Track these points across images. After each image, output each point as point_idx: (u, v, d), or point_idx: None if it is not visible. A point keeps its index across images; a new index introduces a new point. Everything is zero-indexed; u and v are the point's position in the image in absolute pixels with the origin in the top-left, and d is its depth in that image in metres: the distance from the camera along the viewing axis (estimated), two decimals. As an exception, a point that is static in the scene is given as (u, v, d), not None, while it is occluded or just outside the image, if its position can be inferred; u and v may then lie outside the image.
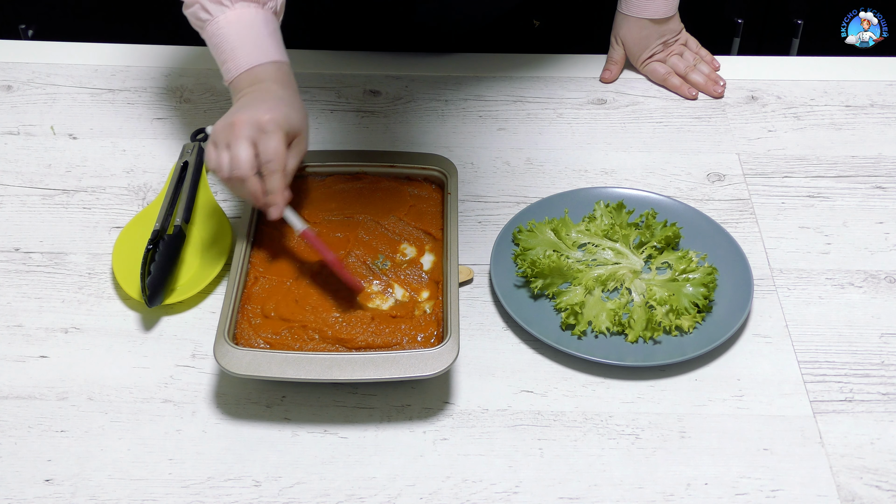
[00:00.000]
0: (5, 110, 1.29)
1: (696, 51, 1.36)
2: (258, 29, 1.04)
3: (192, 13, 1.06)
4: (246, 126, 0.95)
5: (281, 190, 0.97)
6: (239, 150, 0.94)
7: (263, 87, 1.01)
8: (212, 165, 0.97)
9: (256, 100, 0.99)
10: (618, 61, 1.35)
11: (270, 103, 0.98)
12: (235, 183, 0.97)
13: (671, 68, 1.34)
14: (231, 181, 0.97)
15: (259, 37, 1.04)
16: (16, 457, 0.90)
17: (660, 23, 1.32)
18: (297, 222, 1.00)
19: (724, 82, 1.33)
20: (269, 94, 1.00)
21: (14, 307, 1.04)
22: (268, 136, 0.95)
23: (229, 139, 0.95)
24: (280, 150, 0.96)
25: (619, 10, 1.34)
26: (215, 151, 0.96)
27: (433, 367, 0.90)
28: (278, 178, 0.96)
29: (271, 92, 1.01)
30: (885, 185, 1.20)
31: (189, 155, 1.17)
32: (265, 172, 0.96)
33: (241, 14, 1.04)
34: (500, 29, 1.38)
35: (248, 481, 0.89)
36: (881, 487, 0.89)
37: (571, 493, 0.88)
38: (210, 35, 1.05)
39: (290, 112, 0.98)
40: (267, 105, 0.97)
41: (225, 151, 0.96)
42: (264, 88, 1.01)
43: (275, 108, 0.97)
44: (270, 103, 0.98)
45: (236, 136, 0.95)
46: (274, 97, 1.00)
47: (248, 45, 1.03)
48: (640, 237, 1.09)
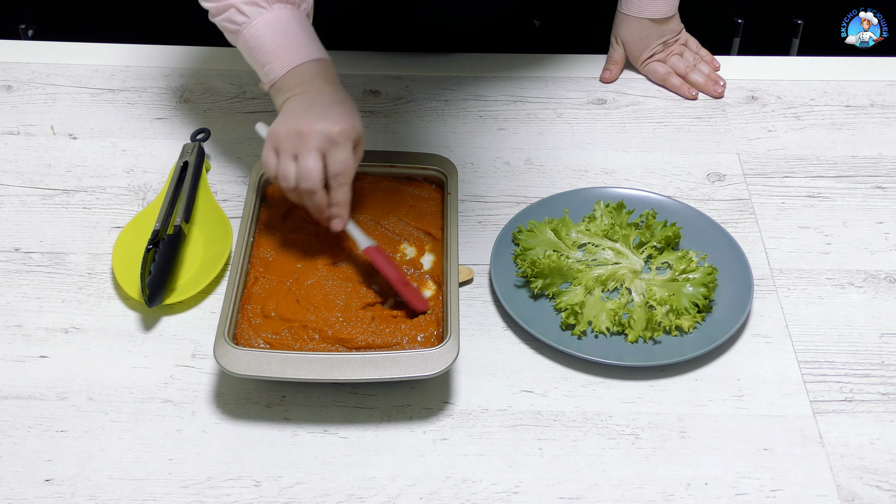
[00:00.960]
0: (5, 110, 1.29)
1: (696, 51, 1.36)
2: (298, 28, 1.02)
3: (226, 18, 1.03)
4: (316, 137, 0.94)
5: (347, 202, 0.97)
6: (309, 163, 0.93)
7: (315, 86, 0.99)
8: (272, 173, 0.96)
9: (317, 104, 0.97)
10: (618, 61, 1.35)
11: (336, 111, 0.96)
12: (301, 194, 0.96)
13: (671, 68, 1.34)
14: (296, 192, 0.96)
15: (299, 36, 1.02)
16: (16, 457, 0.90)
17: (660, 23, 1.32)
18: (360, 238, 1.00)
19: (724, 82, 1.33)
20: (327, 98, 0.98)
21: (14, 307, 1.04)
22: (338, 149, 0.94)
23: (298, 149, 0.94)
24: (350, 162, 0.95)
25: (620, 10, 1.34)
26: (277, 159, 0.95)
27: (433, 367, 0.90)
28: (346, 190, 0.96)
29: (327, 95, 0.99)
30: (885, 185, 1.20)
31: (189, 155, 1.17)
32: (333, 185, 0.96)
33: (279, 14, 1.02)
34: (500, 29, 1.38)
35: (248, 481, 0.89)
36: (881, 487, 0.89)
37: (571, 493, 0.88)
38: (248, 38, 1.02)
39: (354, 120, 0.97)
40: (334, 114, 0.96)
41: (291, 162, 0.95)
42: (316, 89, 0.99)
43: (342, 117, 0.96)
44: (336, 111, 0.96)
45: (306, 147, 0.94)
46: (334, 101, 0.98)
47: (289, 45, 1.01)
48: (640, 237, 1.09)
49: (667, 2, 1.31)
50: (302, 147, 0.94)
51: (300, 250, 1.05)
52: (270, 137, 0.97)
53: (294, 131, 0.95)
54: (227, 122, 1.27)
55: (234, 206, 1.15)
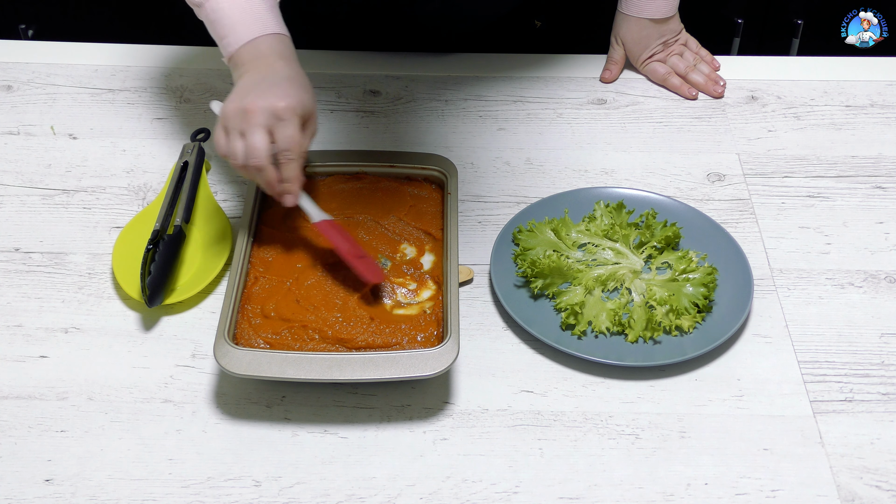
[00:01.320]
0: (5, 110, 1.29)
1: (696, 51, 1.36)
2: (258, 3, 1.02)
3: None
4: (261, 114, 0.93)
5: (297, 178, 0.96)
6: (255, 139, 0.93)
7: (267, 62, 0.99)
8: (223, 151, 0.96)
9: (265, 81, 0.97)
10: (618, 61, 1.35)
11: (283, 87, 0.96)
12: (250, 171, 0.96)
13: (671, 68, 1.34)
14: (245, 169, 0.96)
15: (259, 10, 1.01)
16: (16, 457, 0.90)
17: (660, 23, 1.32)
18: (314, 212, 1.00)
19: (724, 82, 1.33)
20: (277, 74, 0.98)
21: (14, 307, 1.04)
22: (284, 125, 0.94)
23: (243, 127, 0.94)
24: (296, 137, 0.94)
25: (620, 10, 1.34)
26: (226, 137, 0.95)
27: (433, 367, 0.90)
28: (295, 165, 0.96)
29: (277, 71, 0.98)
30: (885, 185, 1.20)
31: (189, 155, 1.17)
32: (282, 160, 0.95)
33: None
34: (500, 29, 1.38)
35: (248, 481, 0.89)
36: (881, 487, 0.89)
37: (571, 493, 0.88)
38: (209, 11, 1.02)
39: (303, 95, 0.96)
40: (280, 90, 0.95)
41: (239, 139, 0.94)
42: (268, 65, 0.99)
43: (288, 93, 0.95)
44: (283, 87, 0.96)
45: (251, 124, 0.93)
46: (283, 78, 0.97)
47: (248, 19, 1.01)
48: (640, 237, 1.09)
49: (667, 2, 1.31)
50: (247, 125, 0.94)
51: (300, 250, 1.04)
52: (221, 116, 0.97)
53: (241, 109, 0.94)
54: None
55: (234, 206, 1.15)
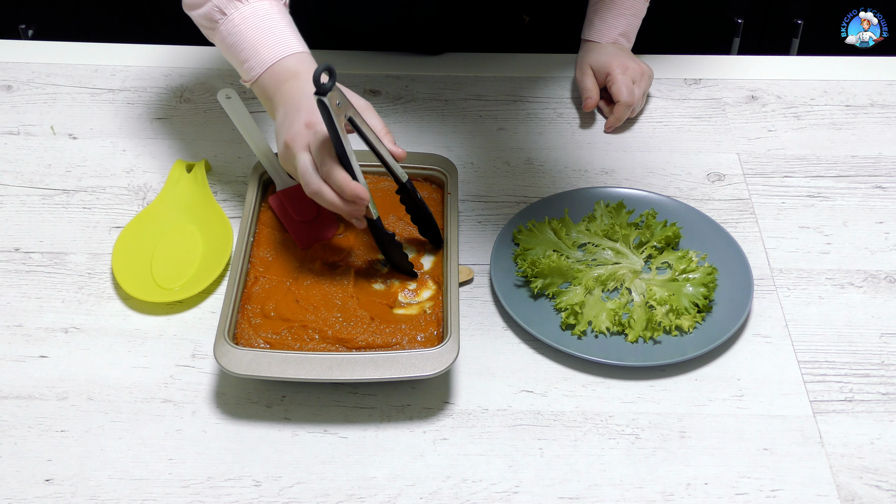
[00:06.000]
0: (5, 110, 1.29)
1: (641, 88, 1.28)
2: (276, 21, 1.00)
3: (204, 14, 1.02)
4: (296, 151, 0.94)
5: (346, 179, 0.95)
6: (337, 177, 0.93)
7: (290, 87, 0.98)
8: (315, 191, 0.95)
9: (289, 113, 0.96)
10: (591, 87, 1.28)
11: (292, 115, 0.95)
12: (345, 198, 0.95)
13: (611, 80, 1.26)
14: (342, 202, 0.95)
15: (279, 29, 1.00)
16: (16, 457, 0.90)
17: (622, 50, 1.29)
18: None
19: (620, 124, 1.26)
20: (296, 101, 0.96)
21: (14, 307, 1.04)
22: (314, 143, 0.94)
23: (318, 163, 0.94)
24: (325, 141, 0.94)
25: (583, 38, 1.31)
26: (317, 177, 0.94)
27: (433, 367, 0.90)
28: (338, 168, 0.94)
29: (295, 94, 0.97)
30: (885, 185, 1.20)
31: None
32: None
33: (255, 8, 1.00)
34: (489, 25, 1.37)
35: (248, 481, 0.89)
36: (881, 487, 0.89)
37: (571, 493, 0.88)
38: (225, 34, 1.01)
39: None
40: (289, 121, 0.95)
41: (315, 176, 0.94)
42: (290, 89, 0.97)
43: (294, 122, 0.94)
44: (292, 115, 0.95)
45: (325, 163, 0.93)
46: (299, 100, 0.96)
47: (270, 39, 0.99)
48: (640, 237, 1.09)
49: (627, 27, 1.28)
50: (321, 163, 0.93)
51: (300, 250, 1.05)
52: (300, 171, 0.96)
53: (283, 150, 0.95)
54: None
55: (234, 206, 1.15)
